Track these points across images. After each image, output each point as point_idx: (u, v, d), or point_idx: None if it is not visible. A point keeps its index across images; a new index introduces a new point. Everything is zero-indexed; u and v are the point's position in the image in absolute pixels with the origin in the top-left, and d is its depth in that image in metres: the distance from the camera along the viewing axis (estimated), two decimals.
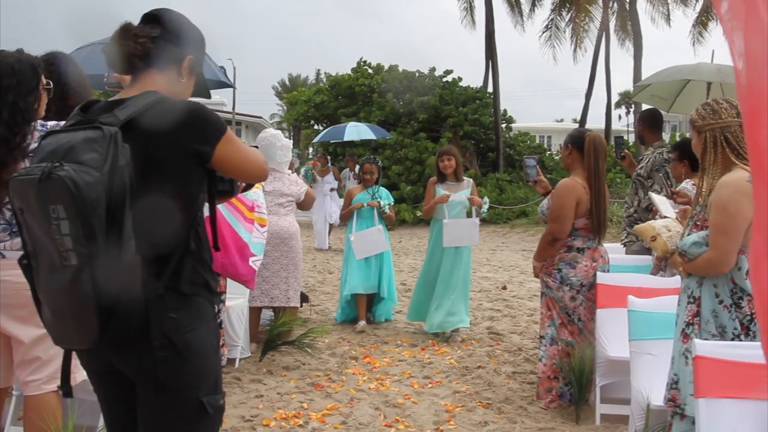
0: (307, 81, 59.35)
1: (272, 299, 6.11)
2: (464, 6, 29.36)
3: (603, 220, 4.74)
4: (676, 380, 3.16)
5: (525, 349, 6.32)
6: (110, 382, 2.15)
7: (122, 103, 2.01)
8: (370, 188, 7.47)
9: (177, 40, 2.15)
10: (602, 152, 4.70)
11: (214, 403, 2.09)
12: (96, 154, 1.83)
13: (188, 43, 2.18)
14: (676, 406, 3.15)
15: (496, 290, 9.63)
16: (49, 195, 1.78)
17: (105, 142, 1.85)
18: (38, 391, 3.09)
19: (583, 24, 27.82)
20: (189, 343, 2.02)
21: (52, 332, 1.99)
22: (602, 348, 4.47)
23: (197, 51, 2.23)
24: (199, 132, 2.01)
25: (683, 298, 3.24)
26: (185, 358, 2.01)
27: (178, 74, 2.17)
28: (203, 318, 2.08)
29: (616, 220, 13.73)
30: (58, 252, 1.81)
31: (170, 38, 2.13)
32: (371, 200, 7.34)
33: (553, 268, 4.79)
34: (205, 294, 2.11)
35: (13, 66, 2.97)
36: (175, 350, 1.99)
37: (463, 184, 6.93)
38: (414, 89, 23.46)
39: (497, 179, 22.11)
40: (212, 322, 2.14)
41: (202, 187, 2.12)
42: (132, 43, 2.08)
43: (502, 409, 4.75)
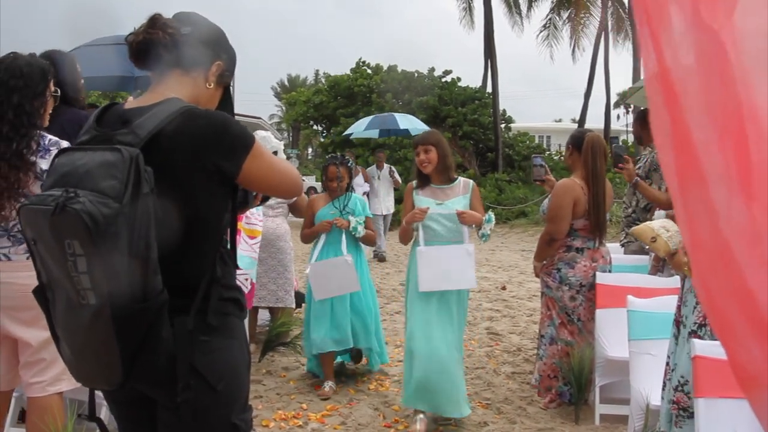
0: (306, 81, 59.35)
1: (260, 299, 6.08)
2: (463, 6, 29.40)
3: (602, 221, 4.73)
4: (684, 382, 3.13)
5: (524, 350, 6.32)
6: (132, 408, 2.02)
7: (141, 113, 1.83)
8: (338, 200, 5.35)
9: (207, 41, 2.00)
10: (601, 152, 4.70)
11: (246, 419, 2.00)
12: (115, 181, 1.66)
13: (219, 49, 2.04)
14: (681, 409, 3.13)
15: (496, 290, 9.63)
16: (63, 229, 1.63)
17: (125, 167, 1.67)
18: (42, 393, 3.06)
19: (582, 23, 27.84)
20: (222, 372, 1.90)
21: (73, 371, 1.85)
22: (602, 348, 4.47)
23: (228, 61, 2.07)
24: (223, 147, 1.84)
25: (690, 299, 3.20)
26: (217, 390, 1.89)
27: (205, 80, 2.01)
28: (235, 337, 1.97)
29: (615, 220, 13.73)
30: (75, 290, 1.66)
31: (201, 38, 1.98)
32: (339, 216, 5.28)
33: (552, 267, 4.80)
34: (235, 312, 1.98)
35: (23, 68, 2.97)
36: (206, 383, 1.86)
37: (457, 188, 4.52)
38: (413, 89, 23.50)
39: (496, 179, 22.13)
40: (243, 339, 2.02)
41: (226, 206, 1.95)
42: (161, 32, 1.91)
43: (501, 410, 4.75)
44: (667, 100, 1.03)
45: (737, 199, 0.97)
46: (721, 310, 1.05)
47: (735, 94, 0.96)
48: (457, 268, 4.28)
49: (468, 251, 4.33)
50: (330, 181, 5.35)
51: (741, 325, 1.01)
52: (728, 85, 0.97)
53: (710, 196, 0.99)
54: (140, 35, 1.91)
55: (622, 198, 6.23)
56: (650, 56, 1.05)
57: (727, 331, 1.05)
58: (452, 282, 4.29)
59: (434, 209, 4.42)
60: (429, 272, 4.28)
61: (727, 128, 0.98)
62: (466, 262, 4.30)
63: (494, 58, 25.97)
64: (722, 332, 1.07)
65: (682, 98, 1.01)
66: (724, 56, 0.97)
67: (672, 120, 1.03)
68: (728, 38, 0.97)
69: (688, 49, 1.01)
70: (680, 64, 1.01)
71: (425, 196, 4.51)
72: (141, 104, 1.89)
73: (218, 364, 1.90)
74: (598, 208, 4.68)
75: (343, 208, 5.32)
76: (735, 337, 1.04)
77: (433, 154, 4.48)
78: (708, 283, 1.05)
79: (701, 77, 1.00)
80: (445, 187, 4.53)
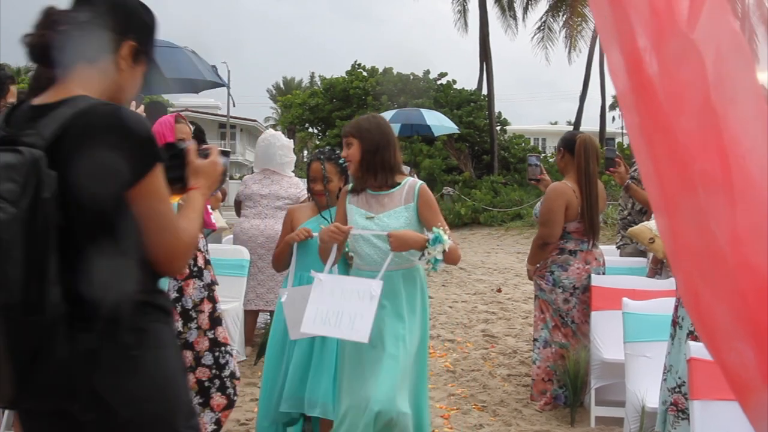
0: (302, 84, 59.45)
1: (267, 303, 6.08)
2: (458, 9, 29.43)
3: (596, 223, 4.74)
4: (681, 383, 3.14)
5: (520, 352, 6.32)
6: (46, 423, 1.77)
7: (47, 111, 1.68)
8: (328, 210, 3.80)
9: (112, 23, 1.78)
10: (593, 154, 4.70)
11: (194, 425, 1.87)
12: (13, 184, 1.52)
13: (128, 26, 1.81)
14: (678, 411, 3.13)
15: (491, 293, 9.63)
16: None
17: (24, 170, 1.54)
18: None
19: (576, 27, 27.91)
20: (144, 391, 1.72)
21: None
22: (597, 350, 4.48)
23: (142, 35, 1.85)
24: (127, 148, 1.65)
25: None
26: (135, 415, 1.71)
27: (116, 66, 1.80)
28: (161, 347, 1.78)
29: (611, 222, 13.75)
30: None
31: (103, 22, 1.76)
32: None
33: (545, 270, 4.80)
34: (161, 319, 1.80)
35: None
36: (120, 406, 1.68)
37: (397, 196, 3.34)
38: (408, 92, 23.54)
39: (492, 182, 22.14)
40: (171, 344, 1.85)
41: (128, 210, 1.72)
42: (51, 33, 1.72)
43: (497, 412, 4.75)
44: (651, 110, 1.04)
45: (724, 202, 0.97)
46: (711, 316, 1.05)
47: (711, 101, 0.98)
48: (351, 311, 3.05)
49: (372, 293, 3.03)
50: (313, 183, 3.83)
51: (732, 330, 1.01)
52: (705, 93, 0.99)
53: (699, 202, 0.99)
54: (35, 38, 1.75)
55: (618, 200, 6.24)
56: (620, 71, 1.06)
57: (716, 338, 1.06)
58: (340, 328, 3.04)
59: (362, 226, 3.31)
60: (315, 310, 3.09)
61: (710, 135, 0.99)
62: (365, 306, 3.03)
63: (489, 61, 26.00)
64: (710, 339, 1.07)
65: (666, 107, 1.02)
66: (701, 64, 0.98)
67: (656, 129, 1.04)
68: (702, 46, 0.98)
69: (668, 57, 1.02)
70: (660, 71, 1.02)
71: (357, 205, 3.37)
72: (47, 101, 1.73)
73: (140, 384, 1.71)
74: (591, 210, 4.68)
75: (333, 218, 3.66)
76: (726, 342, 1.04)
77: (355, 149, 3.30)
78: (696, 288, 1.05)
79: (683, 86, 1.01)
80: (381, 194, 3.34)
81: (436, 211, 3.38)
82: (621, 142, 25.73)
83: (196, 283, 3.88)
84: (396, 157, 3.39)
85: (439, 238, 3.15)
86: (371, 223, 3.32)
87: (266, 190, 6.03)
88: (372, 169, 3.32)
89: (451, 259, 3.22)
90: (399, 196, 3.34)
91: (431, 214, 3.33)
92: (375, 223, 3.31)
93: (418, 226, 3.31)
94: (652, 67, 1.02)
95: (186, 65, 7.01)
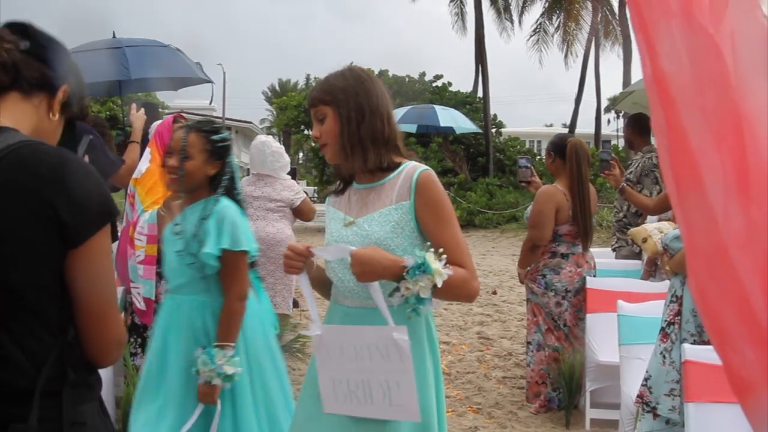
0: (297, 86, 59.34)
1: None
2: (455, 11, 29.47)
3: (589, 226, 4.74)
4: (648, 377, 3.20)
5: (515, 354, 6.32)
6: None
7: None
8: (189, 208, 2.93)
9: (51, 61, 1.56)
10: (584, 157, 4.71)
11: None
12: None
13: (64, 71, 1.60)
14: (643, 403, 3.18)
15: (487, 295, 9.63)
16: None
17: None
18: None
19: (571, 33, 27.98)
20: None
21: None
22: (592, 353, 4.48)
23: (75, 86, 1.63)
24: (76, 199, 1.40)
25: (667, 298, 3.27)
26: None
27: (48, 108, 1.57)
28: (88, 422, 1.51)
29: (606, 224, 13.77)
30: None
31: (42, 57, 1.54)
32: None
33: (537, 274, 4.80)
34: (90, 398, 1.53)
35: None
36: None
37: (388, 189, 2.20)
38: (404, 94, 23.57)
39: (487, 184, 22.15)
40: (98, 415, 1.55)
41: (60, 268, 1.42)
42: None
43: (492, 414, 4.75)
44: (664, 105, 1.03)
45: (735, 202, 0.97)
46: (717, 316, 1.05)
47: (731, 97, 0.96)
48: (378, 377, 2.07)
49: (399, 344, 2.01)
50: (168, 156, 2.92)
51: (736, 330, 1.01)
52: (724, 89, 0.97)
53: (708, 200, 0.99)
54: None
55: (613, 203, 6.24)
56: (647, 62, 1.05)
57: (722, 337, 1.05)
58: (374, 404, 2.08)
59: (336, 238, 2.26)
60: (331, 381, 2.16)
61: (724, 132, 0.97)
62: (396, 368, 2.03)
63: (485, 63, 26.03)
64: (717, 338, 1.07)
65: (679, 103, 1.01)
66: (721, 59, 0.97)
67: (668, 125, 1.03)
68: (724, 41, 0.97)
69: (685, 54, 1.01)
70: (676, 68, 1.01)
71: (337, 206, 2.35)
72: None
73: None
74: (584, 213, 4.68)
75: (197, 225, 2.79)
76: (730, 343, 1.03)
77: (330, 123, 2.21)
78: (705, 287, 1.05)
79: (697, 81, 1.00)
80: (368, 187, 2.26)
81: (444, 215, 2.19)
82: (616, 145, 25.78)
83: None
84: (392, 126, 2.27)
85: (424, 265, 1.98)
86: (350, 233, 2.22)
87: (259, 192, 6.03)
88: (360, 146, 2.19)
89: (452, 295, 2.18)
90: (390, 190, 2.20)
91: (434, 221, 2.16)
92: (354, 233, 2.20)
93: (417, 238, 2.17)
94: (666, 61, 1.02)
95: (174, 63, 7.04)
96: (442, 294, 2.07)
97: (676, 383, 3.08)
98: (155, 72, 6.83)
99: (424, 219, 2.16)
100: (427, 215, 2.15)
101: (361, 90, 2.23)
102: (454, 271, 2.04)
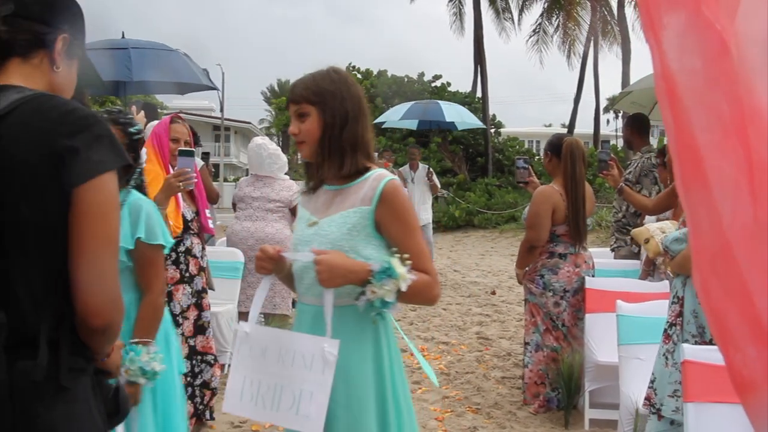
0: None
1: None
2: (454, 11, 29.47)
3: (582, 226, 4.74)
4: (653, 380, 3.21)
5: (514, 354, 6.32)
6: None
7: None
8: None
9: (40, 15, 1.55)
10: (579, 157, 4.71)
11: None
12: None
13: (58, 18, 1.58)
14: (650, 405, 3.19)
15: (485, 295, 9.63)
16: None
17: None
18: None
19: (571, 35, 28.00)
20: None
21: None
22: (591, 353, 4.48)
23: (73, 27, 1.62)
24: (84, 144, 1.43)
25: (670, 299, 3.27)
26: None
27: (51, 61, 1.57)
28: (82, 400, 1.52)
29: (605, 224, 13.77)
30: None
31: (30, 14, 1.53)
32: None
33: (535, 274, 4.81)
34: (87, 368, 1.54)
35: None
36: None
37: (355, 191, 2.23)
38: (403, 94, 23.52)
39: (486, 184, 22.14)
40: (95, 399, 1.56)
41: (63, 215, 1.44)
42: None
43: (491, 414, 4.75)
44: (671, 102, 1.03)
45: (742, 200, 0.97)
46: (721, 314, 1.04)
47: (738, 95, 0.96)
48: (294, 385, 2.08)
49: (325, 357, 2.04)
50: None
51: (739, 329, 1.01)
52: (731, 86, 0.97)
53: (714, 198, 0.99)
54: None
55: (612, 203, 6.24)
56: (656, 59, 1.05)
57: (725, 335, 1.05)
58: (279, 410, 2.08)
59: (300, 238, 2.31)
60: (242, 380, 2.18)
61: (730, 130, 0.97)
62: (315, 380, 2.05)
63: (484, 63, 26.03)
64: (720, 336, 1.07)
65: (685, 100, 1.00)
66: (728, 57, 0.97)
67: (675, 122, 1.03)
68: (732, 39, 0.97)
69: (691, 51, 1.00)
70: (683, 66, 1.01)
71: (305, 206, 2.39)
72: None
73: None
74: (577, 213, 4.69)
75: None
76: (732, 341, 1.03)
77: (312, 123, 2.22)
78: (708, 285, 1.05)
79: (704, 79, 1.00)
80: (334, 189, 2.29)
81: (408, 224, 2.23)
82: (615, 145, 25.81)
83: (186, 289, 3.87)
84: (369, 133, 2.31)
85: (390, 270, 2.08)
86: (311, 232, 2.26)
87: (258, 192, 6.05)
88: (338, 152, 2.22)
89: (415, 299, 2.23)
90: (355, 194, 2.22)
91: (397, 228, 2.20)
92: (315, 232, 2.24)
93: (371, 242, 2.20)
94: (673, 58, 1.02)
95: (180, 68, 7.06)
96: (405, 298, 2.13)
97: (678, 384, 3.09)
98: (159, 76, 6.84)
99: (388, 227, 2.20)
100: (391, 224, 2.20)
101: (348, 95, 2.25)
102: (418, 277, 2.13)
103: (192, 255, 3.95)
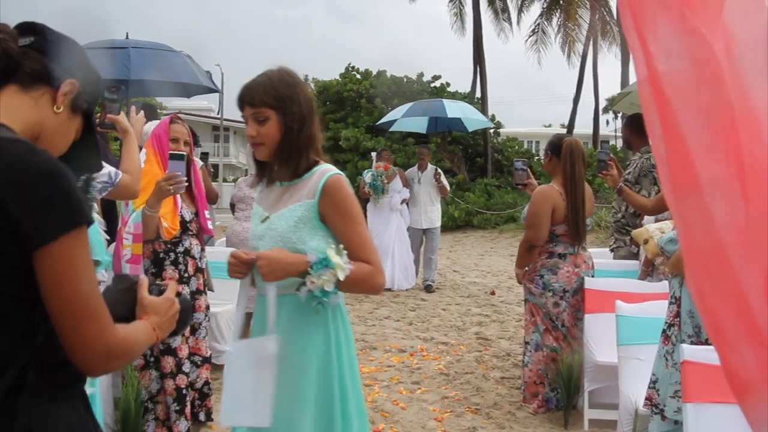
0: None
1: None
2: (454, 12, 29.50)
3: (581, 226, 4.74)
4: (655, 380, 3.22)
5: (513, 354, 6.32)
6: None
7: None
8: None
9: (56, 55, 1.49)
10: (579, 157, 4.72)
11: None
12: None
13: (72, 64, 1.52)
14: (652, 406, 3.19)
15: (485, 295, 9.63)
16: None
17: None
18: None
19: (571, 35, 28.02)
20: None
21: None
22: (590, 353, 4.49)
23: (86, 82, 1.55)
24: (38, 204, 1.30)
25: (668, 300, 3.28)
26: None
27: (52, 101, 1.49)
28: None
29: (604, 225, 13.78)
30: None
31: (46, 51, 1.48)
32: None
33: (535, 274, 4.81)
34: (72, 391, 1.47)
35: None
36: None
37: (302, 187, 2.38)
38: (402, 94, 23.48)
39: (485, 184, 22.15)
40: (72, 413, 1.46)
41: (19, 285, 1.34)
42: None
43: (490, 415, 4.75)
44: (659, 105, 1.03)
45: (735, 202, 0.97)
46: (716, 316, 1.05)
47: (727, 96, 0.96)
48: (250, 386, 2.25)
49: (265, 353, 2.24)
50: None
51: (734, 330, 1.01)
52: (720, 89, 0.97)
53: (705, 200, 0.99)
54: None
55: (612, 203, 6.24)
56: (641, 62, 1.05)
57: (720, 337, 1.06)
58: (246, 411, 2.26)
59: (254, 233, 2.48)
60: (233, 396, 2.32)
61: (720, 132, 0.97)
62: (260, 376, 2.23)
63: (483, 64, 26.06)
64: (716, 337, 1.07)
65: (674, 103, 1.00)
66: (714, 59, 0.97)
67: (663, 125, 1.03)
68: (718, 41, 0.97)
69: (678, 54, 1.00)
70: (670, 68, 1.01)
71: (259, 202, 2.54)
72: None
73: None
74: (576, 213, 4.69)
75: None
76: (728, 342, 1.04)
77: (272, 127, 2.32)
78: (703, 287, 1.05)
79: (692, 82, 1.00)
80: (285, 185, 2.43)
81: (350, 215, 2.33)
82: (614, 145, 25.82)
83: (184, 290, 3.87)
84: (318, 128, 2.44)
85: (326, 260, 2.19)
86: (263, 227, 2.40)
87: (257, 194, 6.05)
88: (296, 153, 2.33)
89: (357, 288, 2.35)
90: (302, 189, 2.35)
91: (339, 220, 2.31)
92: (267, 227, 2.38)
93: (318, 234, 2.31)
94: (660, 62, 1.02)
95: (181, 69, 7.05)
96: (346, 287, 2.26)
97: (679, 385, 3.09)
98: (159, 75, 6.83)
99: (332, 219, 2.32)
100: (334, 215, 2.31)
101: (303, 98, 2.37)
102: (358, 266, 2.26)
103: (191, 256, 3.95)
